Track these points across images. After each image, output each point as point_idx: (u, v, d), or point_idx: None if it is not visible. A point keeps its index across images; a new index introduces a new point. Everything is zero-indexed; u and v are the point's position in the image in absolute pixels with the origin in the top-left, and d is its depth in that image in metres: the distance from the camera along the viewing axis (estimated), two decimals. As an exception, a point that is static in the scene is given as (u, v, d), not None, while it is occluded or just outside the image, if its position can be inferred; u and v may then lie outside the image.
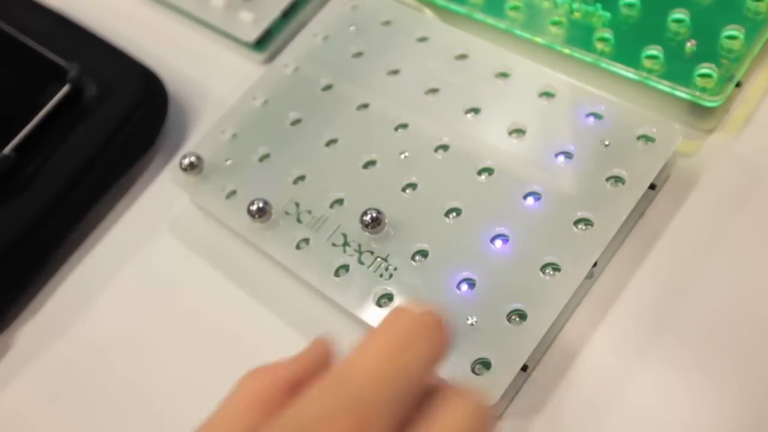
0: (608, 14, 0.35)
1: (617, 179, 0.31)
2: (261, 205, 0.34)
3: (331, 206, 0.34)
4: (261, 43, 0.43)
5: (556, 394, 0.29)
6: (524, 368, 0.28)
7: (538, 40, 0.36)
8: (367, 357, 0.19)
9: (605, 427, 0.28)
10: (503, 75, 0.35)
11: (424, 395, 0.20)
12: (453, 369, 0.28)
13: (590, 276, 0.30)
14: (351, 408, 0.18)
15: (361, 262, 0.32)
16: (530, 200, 0.31)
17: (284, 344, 0.33)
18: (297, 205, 0.34)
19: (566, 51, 0.35)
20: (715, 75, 0.32)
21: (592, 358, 0.29)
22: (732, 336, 0.28)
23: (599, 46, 0.35)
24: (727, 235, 0.30)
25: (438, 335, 0.20)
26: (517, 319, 0.29)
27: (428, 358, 0.20)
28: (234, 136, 0.38)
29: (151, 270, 0.38)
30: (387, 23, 0.39)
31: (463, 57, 0.36)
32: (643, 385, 0.28)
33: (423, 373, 0.19)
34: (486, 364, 0.28)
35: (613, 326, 0.30)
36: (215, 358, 0.34)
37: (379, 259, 0.32)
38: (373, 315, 0.30)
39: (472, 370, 0.28)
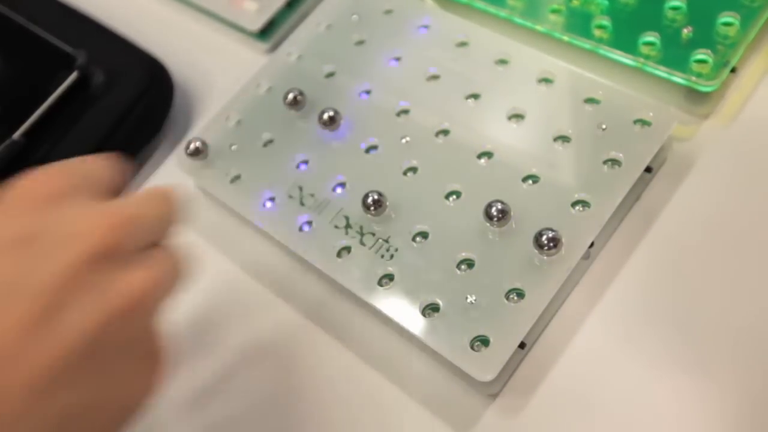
0: (606, 2, 0.36)
1: (614, 162, 0.31)
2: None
3: (334, 190, 0.34)
4: (265, 32, 0.43)
5: (553, 371, 0.30)
6: (522, 346, 0.29)
7: (538, 27, 0.36)
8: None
9: (601, 405, 0.29)
10: (503, 62, 0.36)
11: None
12: (453, 345, 0.29)
13: (587, 257, 0.31)
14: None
15: (362, 244, 0.32)
16: (529, 183, 0.32)
17: (287, 325, 0.34)
18: (300, 188, 0.35)
19: (565, 38, 0.36)
20: (710, 61, 0.32)
21: (589, 337, 0.30)
22: (725, 319, 0.29)
23: (597, 33, 0.35)
24: (723, 219, 0.31)
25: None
26: (515, 298, 0.29)
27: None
28: (238, 122, 0.39)
29: (157, 254, 0.38)
30: (389, 12, 0.40)
31: (463, 44, 0.37)
32: (637, 366, 0.29)
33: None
34: (485, 341, 0.29)
35: (610, 306, 0.30)
36: (218, 341, 0.34)
37: (380, 241, 0.32)
38: (375, 295, 0.31)
39: (471, 347, 0.28)
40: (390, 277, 0.31)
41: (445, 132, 0.34)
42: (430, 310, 0.30)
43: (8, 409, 0.19)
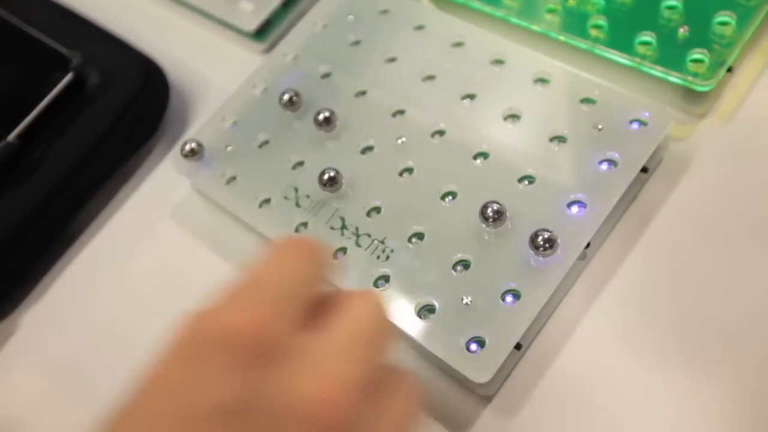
0: (602, 1, 0.36)
1: (610, 162, 0.31)
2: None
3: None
4: (261, 32, 0.43)
5: (549, 372, 0.29)
6: (518, 347, 0.29)
7: (534, 27, 0.36)
8: (257, 269, 0.21)
9: (597, 406, 0.28)
10: (499, 62, 0.36)
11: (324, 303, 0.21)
12: (448, 347, 0.28)
13: (583, 257, 0.31)
14: (253, 297, 0.20)
15: (358, 245, 0.32)
16: (525, 183, 0.32)
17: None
18: (296, 190, 0.35)
19: (561, 38, 0.36)
20: (707, 60, 0.32)
21: (586, 337, 0.30)
22: (722, 319, 0.29)
23: (593, 32, 0.35)
24: (719, 219, 0.31)
25: (308, 249, 0.22)
26: (511, 299, 0.29)
27: (307, 267, 0.21)
28: (234, 123, 0.39)
29: (153, 255, 0.38)
30: (385, 12, 0.40)
31: (459, 44, 0.37)
32: (634, 366, 0.29)
33: (306, 278, 0.21)
34: (481, 343, 0.28)
35: (606, 307, 0.30)
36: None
37: (376, 242, 0.32)
38: (371, 296, 0.31)
39: (467, 348, 0.28)
40: (386, 279, 0.31)
41: (441, 132, 0.34)
42: (425, 311, 0.30)
43: None
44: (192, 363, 0.18)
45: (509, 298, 0.29)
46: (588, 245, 0.30)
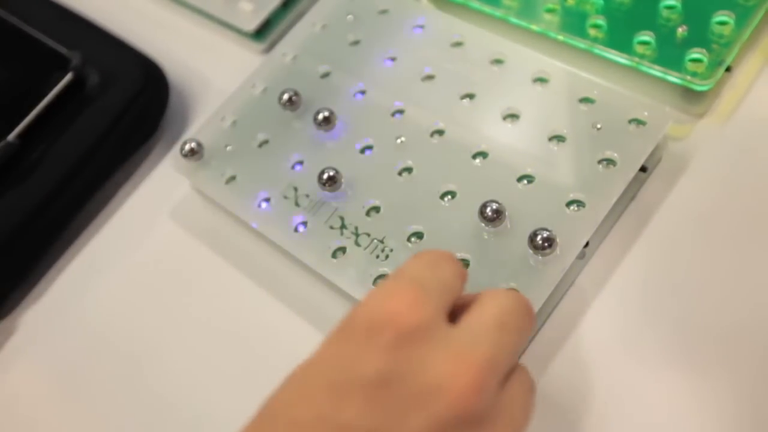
0: (601, 1, 0.36)
1: (609, 161, 0.31)
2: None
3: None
4: (260, 32, 0.43)
5: (548, 371, 0.29)
6: (517, 346, 0.29)
7: (533, 27, 0.36)
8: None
9: (596, 405, 0.28)
10: (498, 61, 0.36)
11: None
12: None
13: (582, 256, 0.31)
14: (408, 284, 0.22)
15: (357, 244, 0.32)
16: (524, 183, 0.32)
17: (284, 326, 0.34)
18: (295, 189, 0.35)
19: (560, 38, 0.36)
20: (705, 60, 0.32)
21: (585, 336, 0.30)
22: (721, 317, 0.29)
23: (592, 32, 0.35)
24: (718, 218, 0.31)
25: (452, 259, 0.25)
26: (511, 298, 0.29)
27: (452, 271, 0.24)
28: (234, 123, 0.39)
29: (153, 255, 0.38)
30: (384, 12, 0.40)
31: (458, 44, 0.37)
32: (633, 366, 0.29)
33: (451, 278, 0.24)
34: (479, 342, 0.28)
35: (605, 306, 0.30)
36: (216, 340, 0.34)
37: (375, 241, 0.32)
38: (370, 295, 0.31)
39: (466, 348, 0.28)
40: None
41: (440, 132, 0.34)
42: (425, 310, 0.30)
43: None
44: (345, 342, 0.21)
45: (508, 297, 0.29)
46: (587, 244, 0.30)
